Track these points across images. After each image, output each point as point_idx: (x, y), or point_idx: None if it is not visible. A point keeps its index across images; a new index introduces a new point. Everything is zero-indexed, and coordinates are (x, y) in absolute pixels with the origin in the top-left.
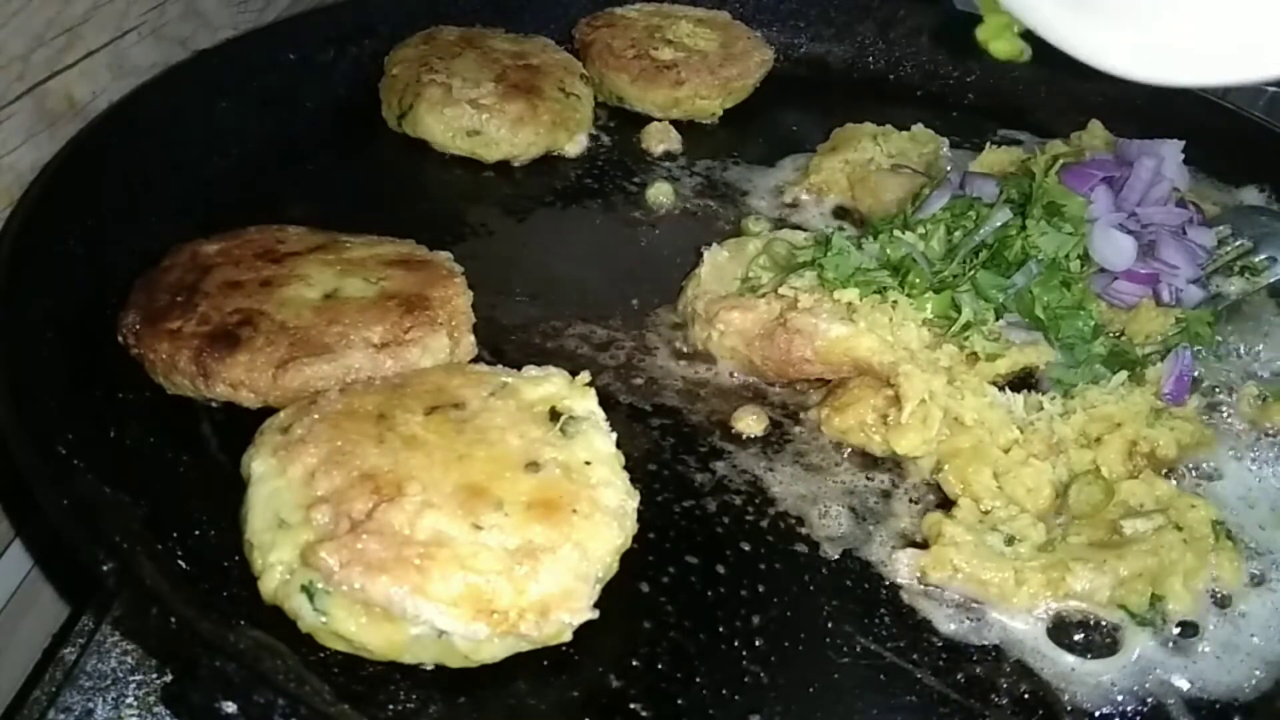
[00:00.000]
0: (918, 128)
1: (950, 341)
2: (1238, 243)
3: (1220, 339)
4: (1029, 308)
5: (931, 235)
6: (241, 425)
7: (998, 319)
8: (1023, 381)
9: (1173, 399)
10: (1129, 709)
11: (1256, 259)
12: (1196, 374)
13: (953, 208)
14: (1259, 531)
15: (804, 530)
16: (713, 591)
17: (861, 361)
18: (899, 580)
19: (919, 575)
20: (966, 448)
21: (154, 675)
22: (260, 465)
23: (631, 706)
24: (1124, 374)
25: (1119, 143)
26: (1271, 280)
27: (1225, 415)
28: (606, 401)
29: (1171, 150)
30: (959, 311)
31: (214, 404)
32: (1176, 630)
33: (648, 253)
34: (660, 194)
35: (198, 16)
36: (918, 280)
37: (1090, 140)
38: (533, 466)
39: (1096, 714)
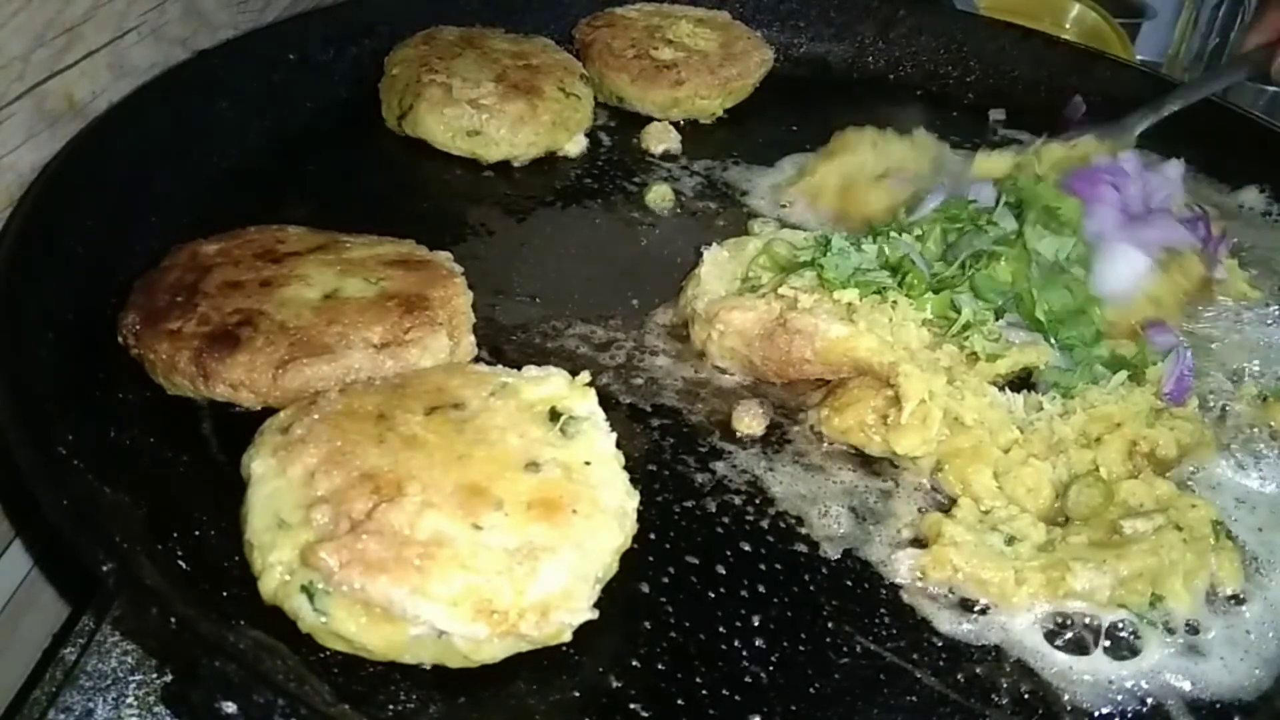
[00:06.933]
0: (920, 133)
1: (950, 341)
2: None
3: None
4: (1029, 310)
5: (928, 236)
6: (241, 425)
7: (998, 319)
8: (1023, 381)
9: (1173, 399)
10: (1129, 709)
11: None
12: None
13: (946, 209)
14: (1259, 533)
15: (804, 530)
16: (713, 591)
17: (861, 362)
18: (899, 580)
19: (919, 575)
20: (966, 448)
21: (154, 675)
22: (260, 465)
23: (631, 706)
24: (1124, 374)
25: (1121, 155)
26: None
27: (1226, 416)
28: (606, 401)
29: (1174, 169)
30: (959, 312)
31: (214, 404)
32: (1177, 630)
33: (648, 253)
34: (660, 194)
35: (198, 16)
36: (916, 281)
37: (1090, 144)
38: (533, 466)
39: (1096, 714)
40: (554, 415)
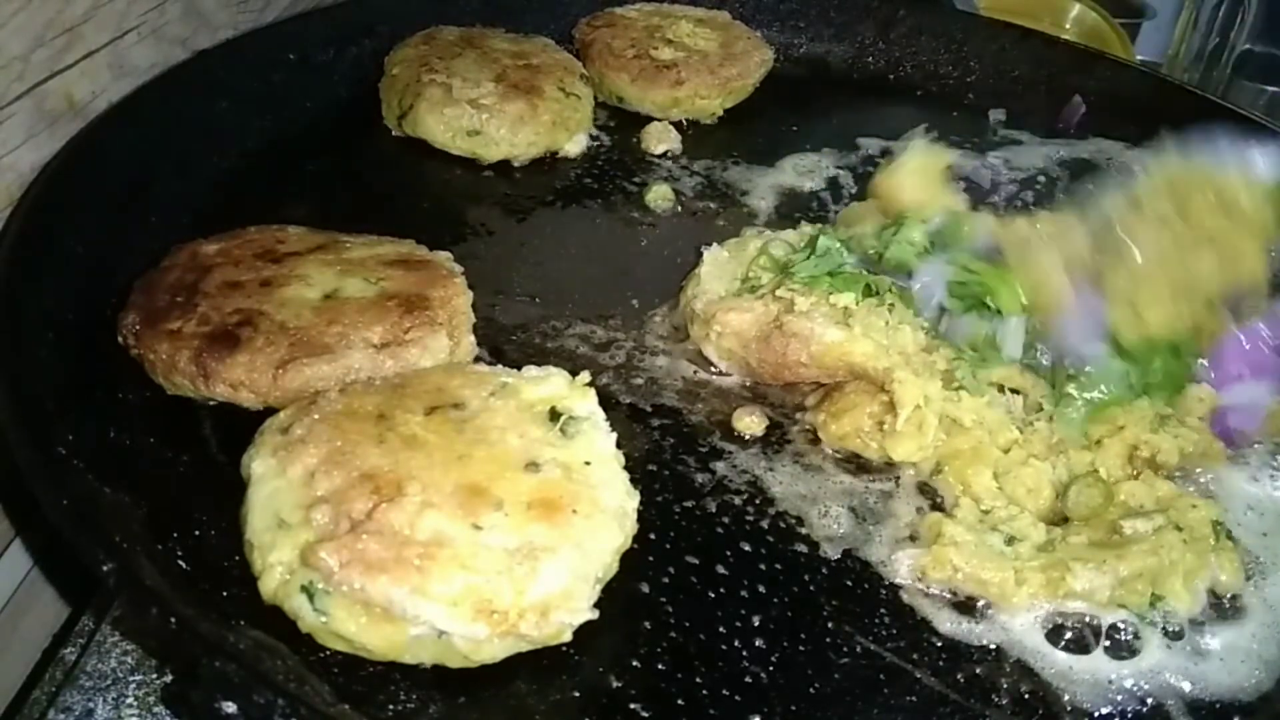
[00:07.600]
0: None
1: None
2: None
3: None
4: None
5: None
6: (241, 425)
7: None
8: None
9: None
10: (1129, 709)
11: None
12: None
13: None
14: (1263, 537)
15: (804, 530)
16: (713, 591)
17: (856, 367)
18: (899, 580)
19: (919, 575)
20: (966, 449)
21: (154, 675)
22: (260, 465)
23: (631, 706)
24: None
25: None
26: None
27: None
28: (606, 401)
29: None
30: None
31: (214, 404)
32: (1177, 630)
33: (648, 253)
34: (660, 194)
35: (198, 16)
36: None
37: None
38: (533, 466)
39: (1096, 714)
40: (554, 415)
